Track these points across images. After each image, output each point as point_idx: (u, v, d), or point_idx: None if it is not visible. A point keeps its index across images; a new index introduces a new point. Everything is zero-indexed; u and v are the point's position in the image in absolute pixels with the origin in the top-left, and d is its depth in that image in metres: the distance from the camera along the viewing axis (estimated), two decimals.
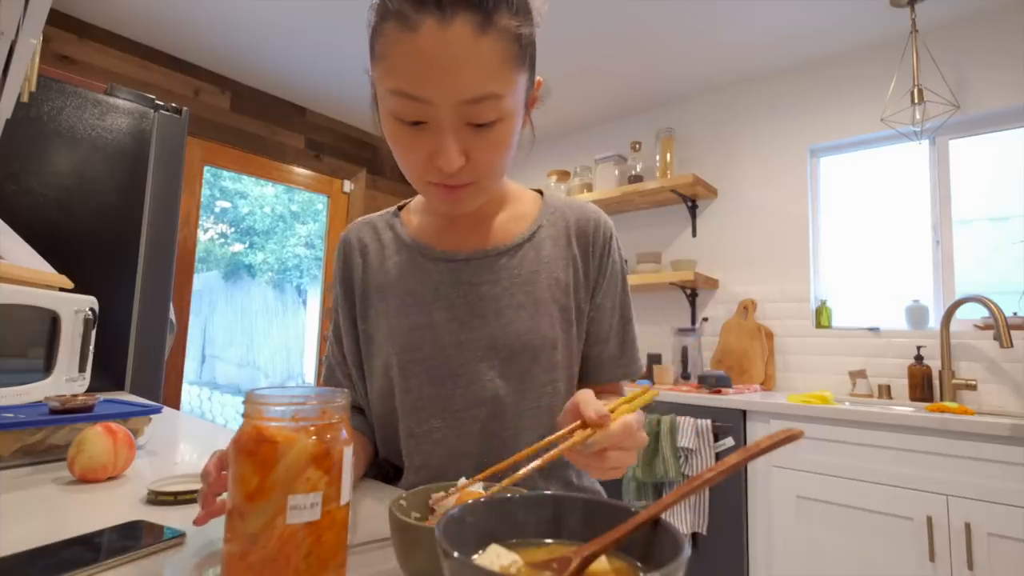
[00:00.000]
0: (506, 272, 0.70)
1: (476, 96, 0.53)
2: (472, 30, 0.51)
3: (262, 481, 0.35)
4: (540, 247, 0.72)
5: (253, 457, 0.36)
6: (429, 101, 0.53)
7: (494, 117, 0.55)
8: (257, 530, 0.35)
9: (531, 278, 0.70)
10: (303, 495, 0.35)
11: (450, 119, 0.54)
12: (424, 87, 0.52)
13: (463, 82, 0.52)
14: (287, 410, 0.37)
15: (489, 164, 0.59)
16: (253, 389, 0.38)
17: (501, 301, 0.69)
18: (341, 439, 0.38)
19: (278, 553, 0.35)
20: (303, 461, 0.36)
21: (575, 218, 0.75)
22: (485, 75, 0.53)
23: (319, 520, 0.36)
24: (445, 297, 0.70)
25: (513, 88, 0.56)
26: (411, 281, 0.71)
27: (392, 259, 0.74)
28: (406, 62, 0.53)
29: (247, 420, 0.37)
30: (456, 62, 0.51)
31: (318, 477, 0.36)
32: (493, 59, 0.53)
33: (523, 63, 0.57)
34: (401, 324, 0.70)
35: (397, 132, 0.58)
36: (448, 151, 0.55)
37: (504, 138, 0.58)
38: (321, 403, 0.38)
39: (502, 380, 0.68)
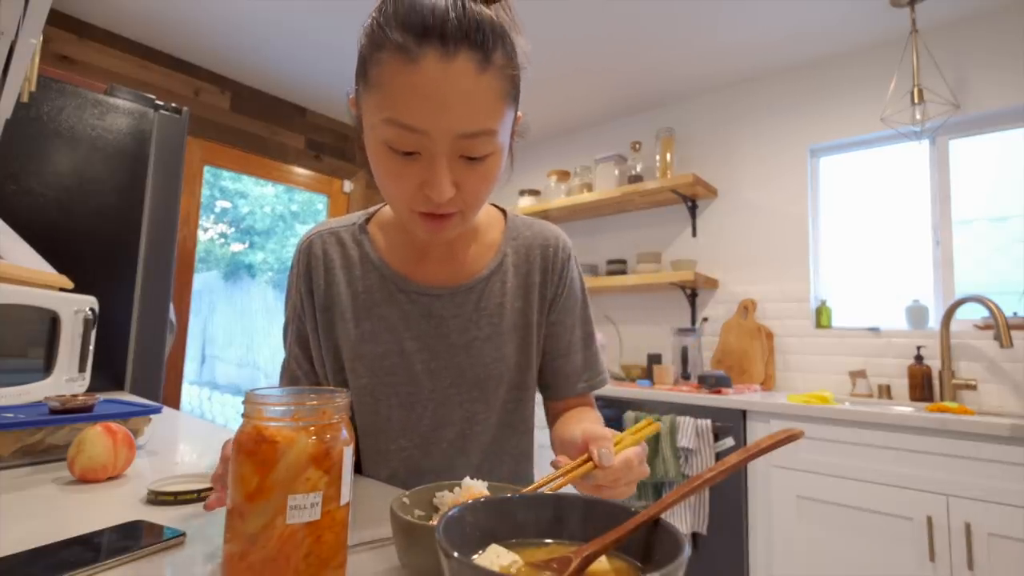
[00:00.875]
0: (473, 306, 0.73)
1: (474, 131, 0.54)
2: (473, 68, 0.52)
3: (262, 481, 0.35)
4: (504, 277, 0.75)
5: (253, 457, 0.36)
6: (426, 133, 0.54)
7: (488, 151, 0.57)
8: (257, 530, 0.35)
9: (496, 310, 0.74)
10: (303, 495, 0.35)
11: (444, 151, 0.55)
12: (423, 119, 0.53)
13: (463, 117, 0.53)
14: (287, 410, 0.37)
15: (476, 195, 0.60)
16: (253, 389, 0.38)
17: (469, 333, 0.72)
18: (341, 439, 0.38)
19: (278, 553, 0.35)
20: (303, 461, 0.36)
21: (537, 243, 0.77)
22: (483, 111, 0.55)
23: (319, 520, 0.36)
24: (416, 328, 0.72)
25: (504, 124, 0.58)
26: (383, 308, 0.73)
27: (363, 280, 0.74)
28: (406, 94, 0.53)
29: (247, 420, 0.37)
30: (457, 97, 0.53)
31: (318, 477, 0.36)
32: (490, 95, 0.55)
33: (514, 100, 0.59)
34: (374, 350, 0.72)
35: (387, 161, 0.58)
36: (441, 183, 0.56)
37: (493, 171, 0.60)
38: (321, 403, 0.38)
39: (470, 403, 0.73)
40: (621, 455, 0.50)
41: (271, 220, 3.25)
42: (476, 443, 0.74)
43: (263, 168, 3.00)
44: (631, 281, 2.60)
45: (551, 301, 0.77)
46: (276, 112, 3.02)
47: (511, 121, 0.61)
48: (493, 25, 0.54)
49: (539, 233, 0.78)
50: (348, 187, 3.39)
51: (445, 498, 0.49)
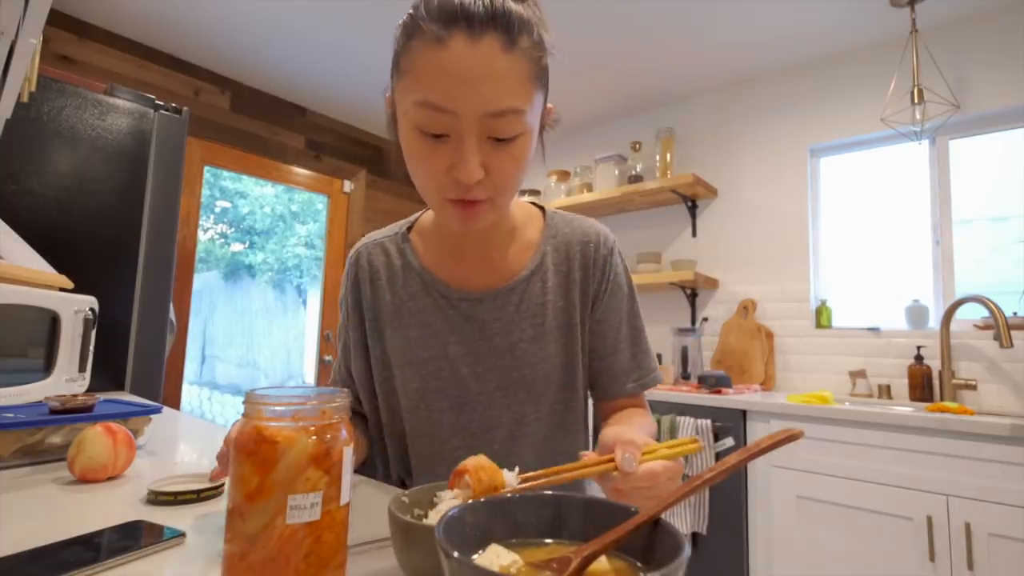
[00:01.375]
0: (515, 308, 0.73)
1: (500, 109, 0.55)
2: (500, 48, 0.54)
3: (262, 481, 0.35)
4: (545, 277, 0.75)
5: (253, 457, 0.36)
6: (454, 113, 0.55)
7: (516, 132, 0.57)
8: (257, 530, 0.35)
9: (538, 311, 0.73)
10: (303, 495, 0.35)
11: (473, 131, 0.56)
12: (451, 99, 0.54)
13: (489, 95, 0.54)
14: (287, 410, 0.37)
15: (505, 179, 0.60)
16: (253, 389, 0.38)
17: (512, 336, 0.73)
18: (341, 439, 0.38)
19: (278, 553, 0.35)
20: (303, 461, 0.36)
21: (576, 239, 0.76)
22: (510, 90, 0.55)
23: (319, 520, 0.36)
24: (460, 332, 0.73)
25: (532, 106, 0.58)
26: (427, 315, 0.74)
27: (406, 288, 0.76)
28: (434, 75, 0.55)
29: (247, 420, 0.37)
30: (484, 76, 0.54)
31: (318, 477, 0.36)
32: (517, 76, 0.56)
33: (541, 83, 0.60)
34: (421, 355, 0.73)
35: (418, 145, 0.59)
36: (469, 162, 0.56)
37: (521, 154, 0.59)
38: (321, 403, 0.38)
39: (518, 406, 0.73)
40: (646, 465, 0.48)
41: (271, 220, 3.25)
42: (527, 443, 0.74)
43: (263, 168, 3.00)
44: None
45: (594, 298, 0.75)
46: (276, 112, 3.02)
47: (539, 106, 0.61)
48: (520, 13, 0.56)
49: (579, 229, 0.77)
50: (348, 187, 3.39)
51: (445, 498, 0.49)
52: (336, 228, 3.36)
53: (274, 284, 3.32)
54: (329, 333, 3.30)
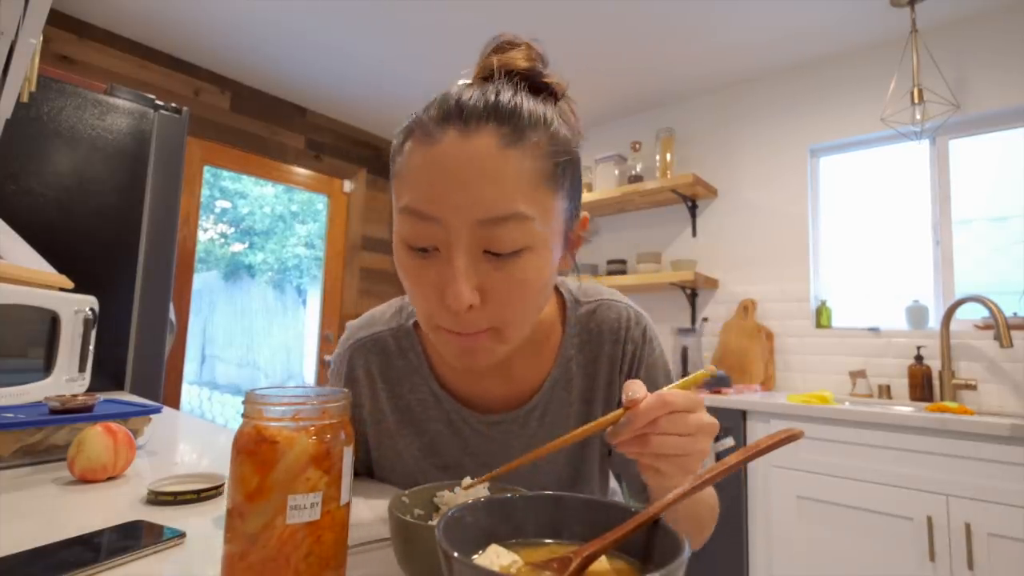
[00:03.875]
0: (538, 422, 0.65)
1: (496, 215, 0.45)
2: (497, 142, 0.46)
3: (262, 481, 0.35)
4: (569, 386, 0.66)
5: (253, 457, 0.36)
6: (441, 220, 0.46)
7: (518, 245, 0.47)
8: (257, 530, 0.35)
9: (563, 421, 0.65)
10: (303, 495, 0.35)
11: (464, 243, 0.46)
12: (436, 202, 0.46)
13: (481, 197, 0.45)
14: (287, 410, 0.37)
15: (509, 306, 0.49)
16: (253, 389, 0.38)
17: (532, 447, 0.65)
18: (341, 439, 0.38)
19: (278, 553, 0.35)
20: (303, 461, 0.36)
21: (604, 334, 0.66)
22: (508, 191, 0.46)
23: (319, 520, 0.36)
24: (476, 448, 0.66)
25: (543, 213, 0.48)
26: (438, 424, 0.67)
27: (413, 394, 0.67)
28: (420, 175, 0.47)
29: (247, 420, 0.37)
30: (474, 175, 0.45)
31: (318, 477, 0.36)
32: (519, 175, 0.46)
33: (557, 185, 0.49)
34: (434, 462, 0.67)
35: (405, 262, 0.50)
36: (456, 280, 0.46)
37: (530, 274, 0.48)
38: (321, 403, 0.38)
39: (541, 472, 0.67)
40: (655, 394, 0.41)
41: (271, 220, 3.25)
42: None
43: (263, 168, 3.00)
44: (631, 281, 2.60)
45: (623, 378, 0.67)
46: (276, 112, 3.02)
47: (559, 215, 0.50)
48: (531, 109, 0.48)
49: (604, 320, 0.66)
50: (348, 187, 3.39)
51: (445, 498, 0.49)
52: (336, 228, 3.36)
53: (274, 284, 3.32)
54: (329, 333, 3.30)
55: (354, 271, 3.38)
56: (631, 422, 0.41)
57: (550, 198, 0.48)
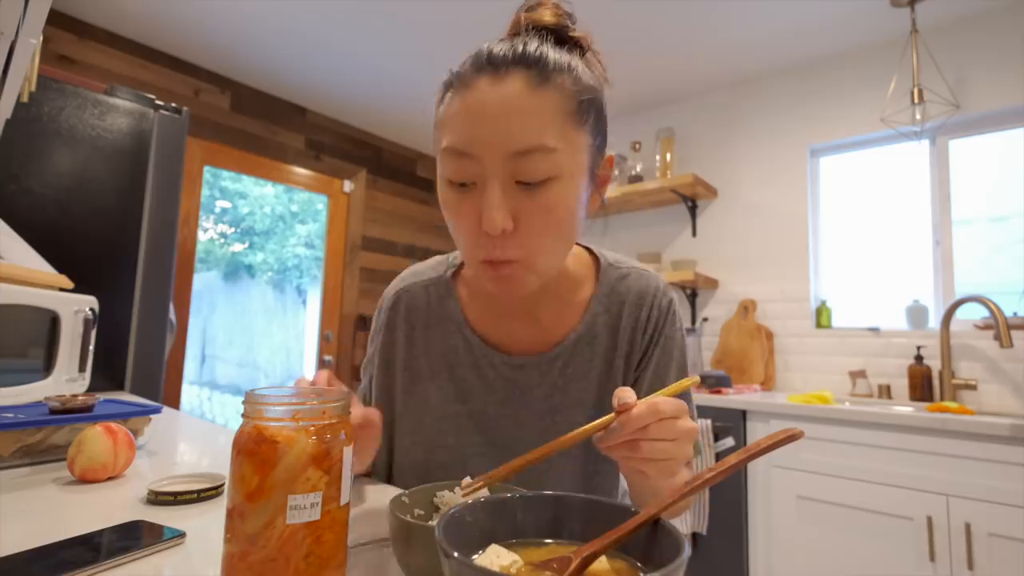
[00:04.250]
0: (559, 373, 0.68)
1: (525, 147, 0.51)
2: (526, 84, 0.51)
3: (262, 481, 0.35)
4: (593, 342, 0.69)
5: (253, 457, 0.36)
6: (477, 156, 0.52)
7: (545, 174, 0.52)
8: (257, 530, 0.35)
9: (583, 376, 0.68)
10: (303, 495, 0.35)
11: (498, 174, 0.51)
12: (472, 140, 0.52)
13: (511, 132, 0.50)
14: (287, 410, 0.37)
15: (537, 233, 0.53)
16: (253, 389, 0.38)
17: (553, 400, 0.68)
18: (341, 439, 0.38)
19: (278, 553, 0.35)
20: (303, 461, 0.36)
21: (630, 299, 0.70)
22: (536, 125, 0.51)
23: (319, 520, 0.36)
24: (500, 393, 0.69)
25: (569, 146, 0.53)
26: (465, 370, 0.70)
27: (444, 341, 0.72)
28: (458, 118, 0.53)
29: (247, 420, 0.37)
30: (505, 112, 0.51)
31: (318, 477, 0.36)
32: (545, 111, 0.51)
33: (582, 122, 0.55)
34: (457, 409, 0.70)
35: (448, 199, 0.56)
36: (491, 207, 0.51)
37: (558, 203, 0.53)
38: (321, 403, 0.38)
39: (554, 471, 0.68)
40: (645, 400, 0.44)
41: (271, 220, 3.25)
42: None
43: (263, 168, 3.00)
44: None
45: (642, 354, 0.70)
46: (276, 112, 3.02)
47: (584, 150, 0.55)
48: (556, 58, 0.54)
49: (634, 287, 0.70)
50: (348, 187, 3.39)
51: (445, 498, 0.49)
52: (336, 228, 3.36)
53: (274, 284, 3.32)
54: (329, 333, 3.30)
55: (354, 271, 3.38)
56: (623, 427, 0.43)
57: (575, 133, 0.54)
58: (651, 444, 0.43)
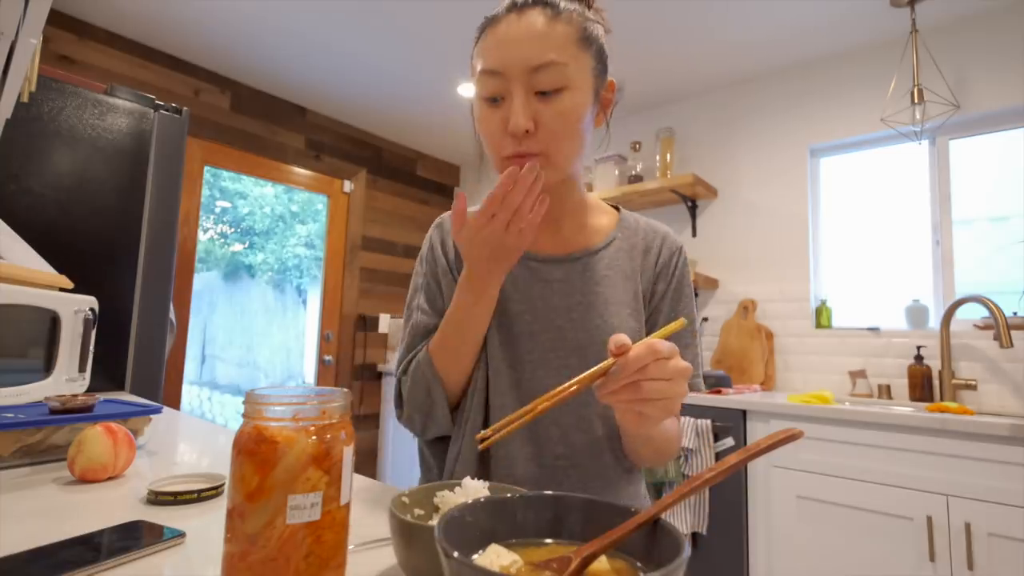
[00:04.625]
0: (579, 274, 0.75)
1: (541, 63, 0.63)
2: (543, 16, 0.64)
3: (262, 481, 0.35)
4: (613, 256, 0.77)
5: (253, 457, 0.36)
6: (504, 73, 0.64)
7: (558, 84, 0.63)
8: (257, 530, 0.35)
9: (603, 280, 0.75)
10: (303, 495, 0.35)
11: (521, 87, 0.63)
12: (500, 60, 0.64)
13: (531, 51, 0.63)
14: (287, 410, 0.37)
15: (554, 132, 0.64)
16: (253, 389, 0.38)
17: (572, 298, 0.74)
18: (341, 439, 0.38)
19: (278, 553, 0.35)
20: (303, 461, 0.36)
21: (647, 233, 0.80)
22: (550, 46, 0.63)
23: (319, 520, 0.36)
24: (522, 291, 0.75)
25: (577, 63, 0.65)
26: None
27: None
28: (488, 47, 0.66)
29: (247, 420, 0.37)
30: (526, 37, 0.63)
31: (318, 477, 0.36)
32: (559, 36, 0.64)
33: (587, 46, 0.67)
34: None
35: (482, 112, 0.67)
36: (516, 112, 0.63)
37: (569, 108, 0.64)
38: (321, 403, 0.38)
39: (569, 370, 0.71)
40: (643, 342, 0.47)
41: (271, 220, 3.25)
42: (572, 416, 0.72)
43: (263, 168, 3.00)
44: None
45: (660, 294, 0.77)
46: (276, 112, 3.02)
47: (588, 70, 0.67)
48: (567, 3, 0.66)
49: (650, 226, 0.81)
50: (348, 187, 3.39)
51: (445, 498, 0.49)
52: (336, 228, 3.36)
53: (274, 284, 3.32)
54: (329, 333, 3.30)
55: (354, 271, 3.38)
56: (623, 369, 0.46)
57: (581, 54, 0.66)
58: (651, 384, 0.46)
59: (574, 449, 0.72)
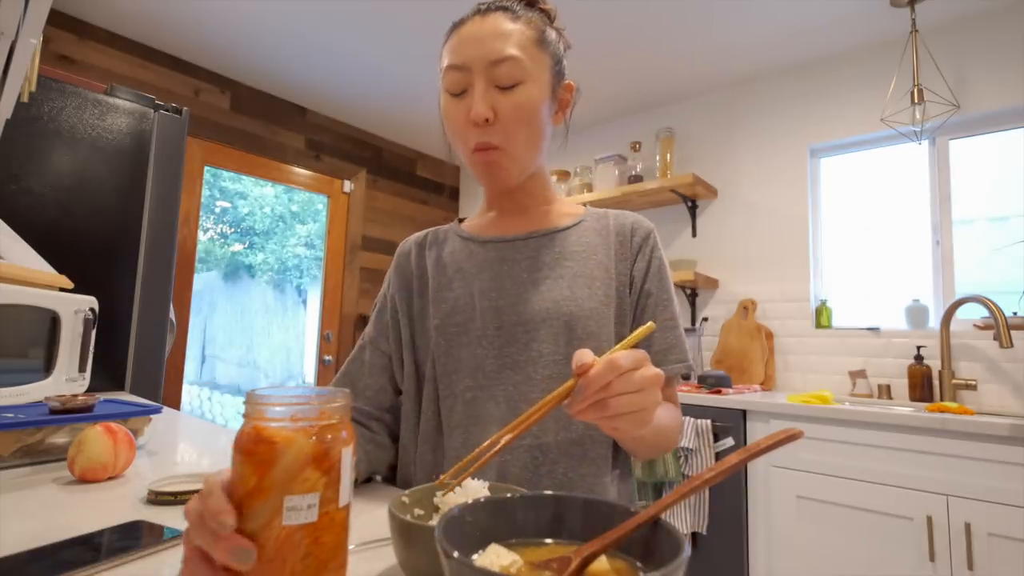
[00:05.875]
0: (547, 250, 0.76)
1: (500, 57, 0.68)
2: (503, 18, 0.70)
3: (260, 481, 0.35)
4: (583, 234, 0.78)
5: (251, 457, 0.35)
6: (467, 68, 0.69)
7: (516, 79, 0.68)
8: (254, 531, 0.34)
9: (571, 256, 0.76)
10: (300, 496, 0.35)
11: (481, 80, 0.68)
12: (463, 56, 0.69)
13: (491, 47, 0.68)
14: (286, 410, 0.36)
15: (511, 122, 0.69)
16: (254, 389, 0.38)
17: (540, 272, 0.75)
18: (341, 439, 0.38)
19: (275, 554, 0.34)
20: (301, 461, 0.35)
21: (615, 216, 0.81)
22: (508, 43, 0.68)
23: (316, 522, 0.36)
24: (489, 271, 0.76)
25: (533, 61, 0.70)
26: (462, 262, 0.79)
27: (447, 246, 0.82)
28: (454, 45, 0.71)
29: (247, 420, 0.37)
30: (487, 35, 0.69)
31: (316, 478, 0.36)
32: (515, 34, 0.69)
33: (543, 47, 0.72)
34: (447, 296, 0.76)
35: (447, 106, 0.72)
36: (477, 102, 0.68)
37: (525, 100, 0.69)
38: (321, 403, 0.38)
39: (536, 344, 0.71)
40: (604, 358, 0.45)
41: (271, 220, 3.25)
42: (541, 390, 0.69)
43: (263, 168, 3.00)
44: None
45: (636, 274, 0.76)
46: (276, 112, 3.02)
47: (545, 69, 0.72)
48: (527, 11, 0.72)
49: (620, 213, 0.82)
50: (348, 187, 3.39)
51: (446, 498, 0.49)
52: (336, 228, 3.36)
53: (274, 284, 3.32)
54: (329, 333, 3.30)
55: (354, 271, 3.38)
56: (585, 388, 0.45)
57: (539, 53, 0.71)
58: (617, 400, 0.45)
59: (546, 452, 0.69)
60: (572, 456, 0.69)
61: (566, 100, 0.78)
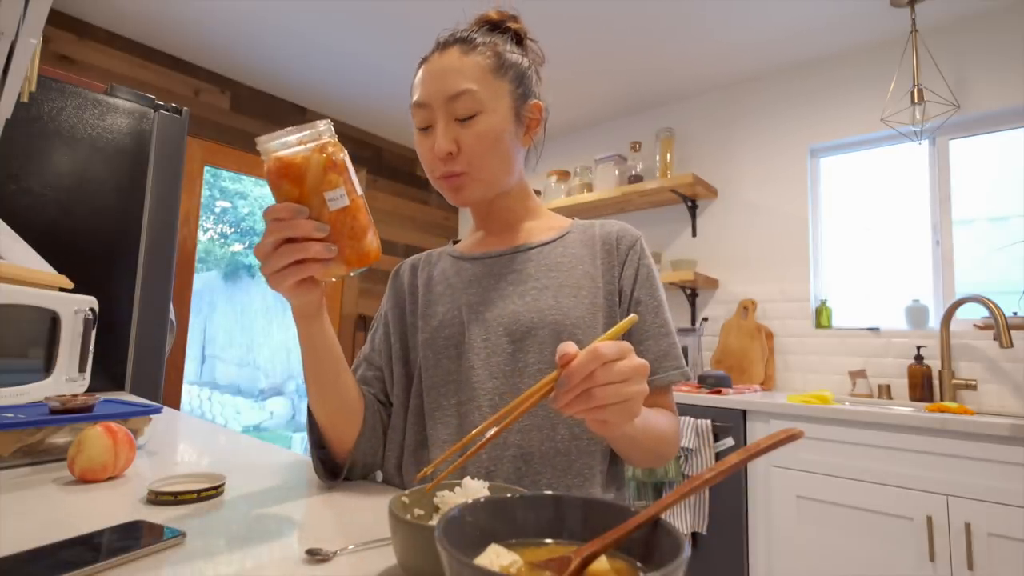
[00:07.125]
0: (533, 263, 0.77)
1: (455, 92, 0.70)
2: (459, 53, 0.73)
3: (301, 191, 0.52)
4: (568, 246, 0.79)
5: (287, 178, 0.52)
6: (428, 105, 0.72)
7: (472, 111, 0.71)
8: (316, 218, 0.52)
9: (556, 267, 0.77)
10: (332, 191, 0.52)
11: (442, 115, 0.71)
12: (424, 94, 0.73)
13: (448, 84, 0.71)
14: (293, 139, 0.52)
15: (473, 152, 0.71)
16: (260, 136, 0.53)
17: (526, 284, 0.75)
18: (339, 147, 0.54)
19: (334, 230, 0.53)
20: (322, 168, 0.52)
21: (600, 225, 0.81)
22: (465, 77, 0.71)
23: (349, 205, 0.53)
24: (476, 285, 0.78)
25: (488, 90, 0.72)
26: (450, 278, 0.81)
27: (437, 269, 0.84)
28: (417, 83, 0.75)
29: (267, 158, 0.52)
30: (443, 71, 0.72)
31: (335, 177, 0.52)
32: (471, 67, 0.72)
33: (501, 75, 0.73)
34: (436, 311, 0.78)
35: (417, 140, 0.76)
36: (439, 137, 0.71)
37: (484, 131, 0.71)
38: (312, 130, 0.53)
39: (522, 354, 0.71)
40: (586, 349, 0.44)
41: None
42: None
43: (263, 168, 3.00)
44: None
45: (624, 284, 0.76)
46: (276, 112, 3.02)
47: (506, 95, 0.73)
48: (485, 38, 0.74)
49: (606, 222, 0.82)
50: None
51: (445, 498, 0.49)
52: None
53: None
54: None
55: None
56: (568, 379, 0.44)
57: (495, 81, 0.73)
58: (603, 390, 0.44)
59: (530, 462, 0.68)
60: (557, 467, 0.68)
61: (535, 120, 0.78)
